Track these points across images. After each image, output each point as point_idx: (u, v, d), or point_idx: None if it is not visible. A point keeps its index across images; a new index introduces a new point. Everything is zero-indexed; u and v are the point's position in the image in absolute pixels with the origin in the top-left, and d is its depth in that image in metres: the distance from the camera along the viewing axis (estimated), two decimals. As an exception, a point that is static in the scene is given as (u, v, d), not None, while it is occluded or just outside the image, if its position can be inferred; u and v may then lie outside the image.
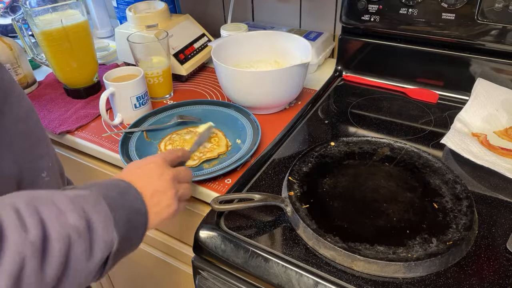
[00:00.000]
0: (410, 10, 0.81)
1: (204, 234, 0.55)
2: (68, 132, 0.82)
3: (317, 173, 0.62)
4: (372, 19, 0.85)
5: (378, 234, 0.52)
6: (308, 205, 0.56)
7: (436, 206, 0.55)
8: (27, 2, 0.85)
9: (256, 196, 0.56)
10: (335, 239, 0.51)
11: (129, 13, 0.96)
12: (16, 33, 0.91)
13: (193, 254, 0.57)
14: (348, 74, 0.94)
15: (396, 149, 0.66)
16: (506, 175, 0.61)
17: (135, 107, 0.82)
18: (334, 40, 1.08)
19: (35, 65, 1.10)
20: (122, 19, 1.17)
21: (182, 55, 0.97)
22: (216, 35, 1.01)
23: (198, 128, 0.77)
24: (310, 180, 0.61)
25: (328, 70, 0.98)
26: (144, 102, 0.83)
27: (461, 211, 0.54)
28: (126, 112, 0.82)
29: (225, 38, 0.89)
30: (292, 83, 0.79)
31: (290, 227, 0.55)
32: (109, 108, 0.87)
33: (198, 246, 0.55)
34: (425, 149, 0.66)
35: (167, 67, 0.89)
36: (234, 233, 0.55)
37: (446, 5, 0.77)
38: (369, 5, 0.84)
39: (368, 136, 0.69)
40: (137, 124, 0.79)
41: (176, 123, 0.80)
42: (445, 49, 0.82)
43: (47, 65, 0.98)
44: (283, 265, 0.50)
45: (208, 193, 0.65)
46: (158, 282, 0.98)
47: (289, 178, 0.60)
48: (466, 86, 0.80)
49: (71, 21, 0.85)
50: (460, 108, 0.75)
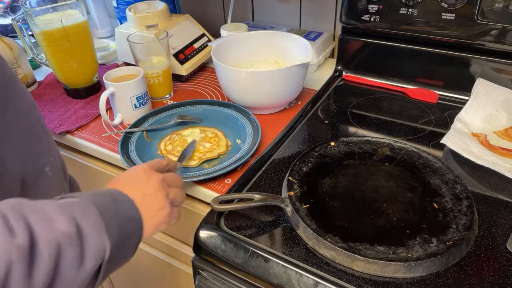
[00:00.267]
0: (410, 10, 0.81)
1: (204, 234, 0.55)
2: (68, 132, 0.82)
3: (317, 173, 0.62)
4: (372, 19, 0.85)
5: (378, 234, 0.52)
6: (308, 205, 0.56)
7: (436, 206, 0.55)
8: (27, 2, 0.85)
9: (256, 196, 0.56)
10: (335, 239, 0.51)
11: (129, 13, 0.97)
12: (16, 33, 0.91)
13: (193, 254, 0.57)
14: (348, 74, 0.94)
15: (396, 149, 0.66)
16: (506, 175, 0.61)
17: (135, 107, 0.82)
18: (334, 40, 1.08)
19: (35, 65, 1.10)
20: (122, 19, 1.17)
21: (182, 55, 0.97)
22: (216, 35, 1.01)
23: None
24: (310, 180, 0.61)
25: (328, 70, 0.98)
26: (144, 102, 0.83)
27: (461, 211, 0.54)
28: (126, 112, 0.82)
29: (225, 38, 0.89)
30: (292, 83, 0.79)
31: (290, 227, 0.55)
32: (109, 108, 0.87)
33: (198, 246, 0.55)
34: (425, 149, 0.66)
35: (167, 67, 0.89)
36: (234, 233, 0.55)
37: (446, 5, 0.77)
38: (369, 5, 0.84)
39: (368, 136, 0.69)
40: (137, 124, 0.79)
41: (176, 123, 0.80)
42: (445, 49, 0.82)
43: (47, 65, 0.98)
44: (283, 265, 0.50)
45: (208, 193, 0.65)
46: (158, 282, 0.98)
47: (289, 178, 0.60)
48: (466, 86, 0.80)
49: (71, 21, 0.85)
50: (460, 108, 0.75)
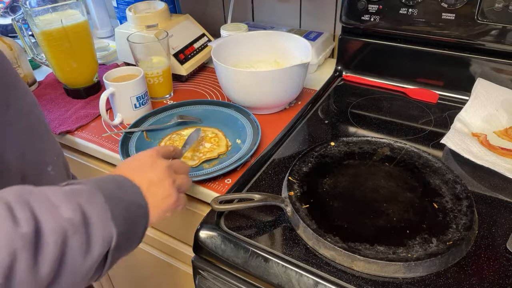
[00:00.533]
0: (410, 10, 0.81)
1: (204, 234, 0.55)
2: (68, 132, 0.82)
3: (317, 173, 0.62)
4: (372, 19, 0.85)
5: (378, 234, 0.52)
6: (308, 205, 0.56)
7: (436, 206, 0.55)
8: (27, 2, 0.85)
9: (256, 196, 0.56)
10: (335, 239, 0.51)
11: (129, 13, 0.96)
12: (16, 33, 0.91)
13: (193, 254, 0.57)
14: (348, 74, 0.94)
15: (396, 149, 0.66)
16: (506, 175, 0.61)
17: (135, 107, 0.82)
18: (334, 40, 1.08)
19: (35, 65, 1.10)
20: (122, 19, 1.17)
21: (182, 55, 0.97)
22: (216, 35, 1.01)
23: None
24: (310, 180, 0.61)
25: (328, 70, 0.98)
26: (144, 102, 0.83)
27: (461, 211, 0.54)
28: (126, 112, 0.82)
29: (225, 38, 0.89)
30: (292, 83, 0.79)
31: (290, 227, 0.55)
32: (109, 108, 0.87)
33: (198, 246, 0.55)
34: (425, 149, 0.66)
35: (167, 67, 0.89)
36: (234, 233, 0.55)
37: (446, 5, 0.77)
38: (369, 5, 0.84)
39: (368, 136, 0.69)
40: (137, 124, 0.79)
41: (176, 123, 0.80)
42: (445, 49, 0.82)
43: (47, 65, 0.98)
44: (283, 265, 0.50)
45: (208, 193, 0.65)
46: (158, 282, 0.98)
47: (289, 178, 0.60)
48: (466, 86, 0.80)
49: (71, 21, 0.85)
50: (460, 108, 0.75)
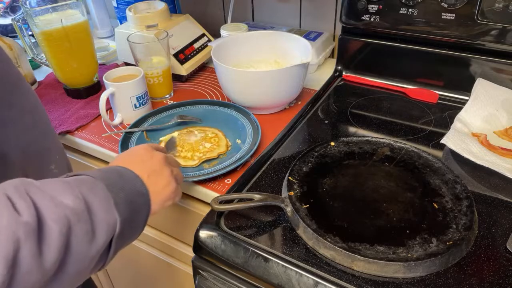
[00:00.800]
0: (410, 10, 0.81)
1: (204, 234, 0.55)
2: (68, 132, 0.82)
3: (317, 173, 0.62)
4: (372, 19, 0.85)
5: (378, 234, 0.52)
6: (308, 205, 0.56)
7: (436, 206, 0.55)
8: (27, 2, 0.85)
9: (256, 196, 0.56)
10: (335, 239, 0.51)
11: (129, 13, 0.96)
12: (16, 33, 0.91)
13: (193, 254, 0.57)
14: (348, 74, 0.94)
15: (396, 149, 0.66)
16: (506, 175, 0.61)
17: (135, 107, 0.82)
18: (334, 40, 1.08)
19: (35, 65, 1.10)
20: (122, 19, 1.17)
21: (182, 55, 0.97)
22: (216, 35, 1.01)
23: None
24: (310, 180, 0.61)
25: (328, 70, 0.98)
26: (144, 102, 0.83)
27: (461, 211, 0.54)
28: (126, 112, 0.82)
29: (225, 38, 0.89)
30: (292, 83, 0.78)
31: (290, 227, 0.55)
32: (109, 108, 0.87)
33: (198, 246, 0.55)
34: (425, 149, 0.66)
35: (167, 67, 0.89)
36: (234, 233, 0.55)
37: (446, 5, 0.77)
38: (369, 5, 0.84)
39: (368, 136, 0.69)
40: (137, 124, 0.79)
41: (176, 123, 0.80)
42: (445, 49, 0.82)
43: (47, 65, 0.98)
44: (283, 265, 0.50)
45: (208, 193, 0.65)
46: (158, 282, 0.98)
47: (289, 178, 0.60)
48: (466, 86, 0.80)
49: (71, 21, 0.85)
50: (460, 108, 0.75)
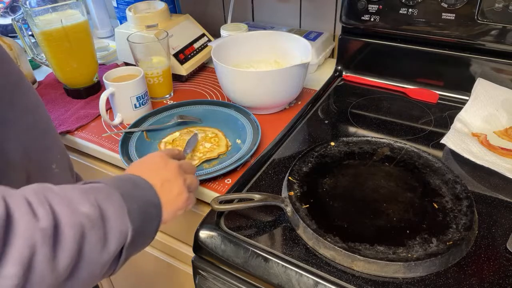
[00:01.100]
0: (410, 10, 0.81)
1: (204, 234, 0.55)
2: (68, 132, 0.82)
3: (317, 173, 0.62)
4: (372, 19, 0.85)
5: (378, 234, 0.52)
6: (308, 205, 0.56)
7: (436, 206, 0.55)
8: (27, 2, 0.85)
9: (256, 196, 0.56)
10: (335, 239, 0.51)
11: (129, 13, 0.96)
12: (16, 33, 0.91)
13: (193, 254, 0.57)
14: (348, 74, 0.94)
15: (396, 149, 0.66)
16: (506, 175, 0.61)
17: (135, 107, 0.82)
18: (334, 40, 1.08)
19: (35, 65, 1.10)
20: (122, 19, 1.17)
21: (182, 55, 0.97)
22: (216, 35, 1.01)
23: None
24: (310, 180, 0.61)
25: (328, 70, 0.98)
26: (144, 102, 0.83)
27: (461, 211, 0.54)
28: (126, 112, 0.82)
29: (225, 38, 0.89)
30: (292, 83, 0.78)
31: (290, 227, 0.55)
32: (109, 108, 0.87)
33: (198, 246, 0.55)
34: (425, 149, 0.66)
35: (167, 67, 0.89)
36: (234, 233, 0.55)
37: (446, 5, 0.77)
38: (369, 5, 0.84)
39: (368, 136, 0.69)
40: (137, 124, 0.79)
41: (176, 123, 0.80)
42: (445, 49, 0.82)
43: (47, 65, 0.97)
44: (283, 265, 0.50)
45: (208, 193, 0.65)
46: (158, 282, 0.98)
47: (289, 178, 0.60)
48: (466, 86, 0.80)
49: (71, 21, 0.85)
50: (460, 108, 0.75)
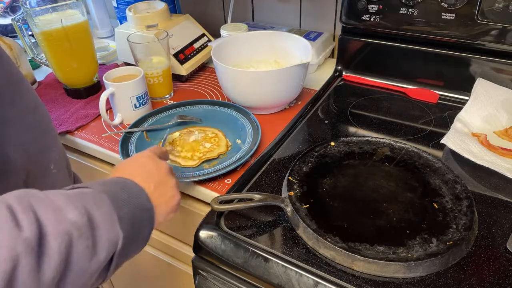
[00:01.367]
0: (410, 10, 0.81)
1: (204, 234, 0.55)
2: (68, 132, 0.82)
3: (317, 173, 0.62)
4: (372, 19, 0.85)
5: (378, 234, 0.52)
6: (308, 205, 0.56)
7: (436, 206, 0.55)
8: (27, 2, 0.85)
9: (256, 196, 0.56)
10: (335, 239, 0.51)
11: (129, 13, 0.96)
12: (16, 33, 0.91)
13: (193, 254, 0.57)
14: (348, 74, 0.94)
15: (396, 149, 0.66)
16: (506, 175, 0.61)
17: (135, 107, 0.82)
18: (334, 40, 1.08)
19: (35, 65, 1.10)
20: (122, 19, 1.17)
21: (182, 55, 0.97)
22: (216, 35, 1.01)
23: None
24: (310, 180, 0.61)
25: (328, 70, 0.98)
26: (144, 102, 0.83)
27: (461, 211, 0.54)
28: (126, 112, 0.82)
29: (225, 38, 0.89)
30: (292, 83, 0.78)
31: (290, 227, 0.55)
32: (109, 108, 0.87)
33: (198, 246, 0.55)
34: (425, 149, 0.66)
35: (167, 67, 0.89)
36: (234, 233, 0.55)
37: (446, 5, 0.77)
38: (369, 5, 0.84)
39: (368, 136, 0.69)
40: (137, 124, 0.79)
41: (176, 123, 0.80)
42: (445, 49, 0.82)
43: (47, 65, 0.97)
44: (283, 265, 0.50)
45: (208, 193, 0.65)
46: (158, 282, 0.98)
47: (289, 178, 0.60)
48: (466, 86, 0.80)
49: (71, 21, 0.85)
50: (460, 108, 0.75)
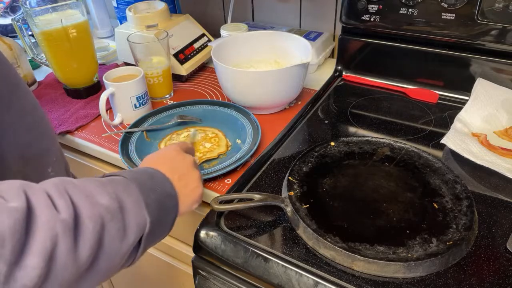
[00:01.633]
0: (410, 10, 0.81)
1: (204, 234, 0.55)
2: (68, 132, 0.82)
3: (317, 173, 0.62)
4: (372, 19, 0.85)
5: (378, 234, 0.52)
6: (308, 205, 0.56)
7: (436, 206, 0.55)
8: (27, 2, 0.85)
9: (256, 196, 0.56)
10: (335, 239, 0.51)
11: (129, 13, 0.96)
12: (16, 33, 0.91)
13: (193, 254, 0.57)
14: (348, 74, 0.94)
15: (396, 149, 0.66)
16: (506, 175, 0.61)
17: (135, 107, 0.82)
18: (334, 40, 1.08)
19: (35, 65, 1.10)
20: (122, 19, 1.17)
21: (182, 55, 0.97)
22: (216, 35, 1.01)
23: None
24: (310, 180, 0.61)
25: (328, 70, 0.98)
26: (144, 102, 0.83)
27: (461, 211, 0.54)
28: (126, 112, 0.82)
29: (225, 38, 0.89)
30: (292, 83, 0.78)
31: (290, 227, 0.55)
32: (109, 108, 0.87)
33: (198, 246, 0.55)
34: (425, 149, 0.66)
35: (167, 67, 0.89)
36: (234, 233, 0.55)
37: (446, 5, 0.77)
38: (369, 5, 0.84)
39: (368, 136, 0.69)
40: (137, 124, 0.79)
41: (176, 123, 0.80)
42: (445, 49, 0.82)
43: (47, 65, 0.97)
44: (283, 265, 0.50)
45: (208, 193, 0.65)
46: (158, 282, 0.98)
47: (289, 178, 0.60)
48: (466, 86, 0.80)
49: (71, 21, 0.85)
50: (460, 108, 0.75)
